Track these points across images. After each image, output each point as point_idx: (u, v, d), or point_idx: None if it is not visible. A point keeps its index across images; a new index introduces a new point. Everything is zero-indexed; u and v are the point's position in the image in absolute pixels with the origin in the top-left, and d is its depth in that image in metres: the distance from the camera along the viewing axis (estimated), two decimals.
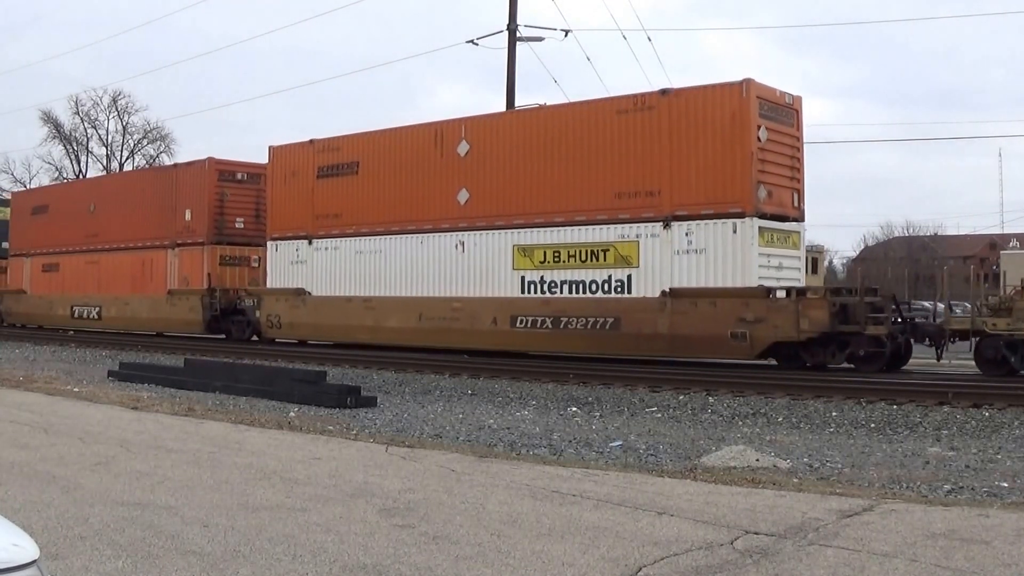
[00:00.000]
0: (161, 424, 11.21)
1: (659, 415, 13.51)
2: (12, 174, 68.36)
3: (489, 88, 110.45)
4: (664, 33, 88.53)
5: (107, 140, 67.22)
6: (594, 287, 18.73)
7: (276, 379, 15.25)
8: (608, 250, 18.61)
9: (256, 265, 27.54)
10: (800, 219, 18.57)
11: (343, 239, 23.22)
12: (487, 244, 20.42)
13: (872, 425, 12.28)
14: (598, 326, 18.40)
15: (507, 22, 28.50)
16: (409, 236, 21.82)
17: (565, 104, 20.26)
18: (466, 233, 20.74)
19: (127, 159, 66.86)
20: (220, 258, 27.43)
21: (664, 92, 18.11)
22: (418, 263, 21.61)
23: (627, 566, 5.30)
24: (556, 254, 19.38)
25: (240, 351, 23.86)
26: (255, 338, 26.21)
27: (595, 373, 17.85)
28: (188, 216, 27.79)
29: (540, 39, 28.78)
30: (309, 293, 23.85)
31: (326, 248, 23.61)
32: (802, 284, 18.11)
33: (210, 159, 27.76)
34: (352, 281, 22.94)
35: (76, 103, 66.08)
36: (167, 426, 11.04)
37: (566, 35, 29.50)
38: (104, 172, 62.59)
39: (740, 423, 12.65)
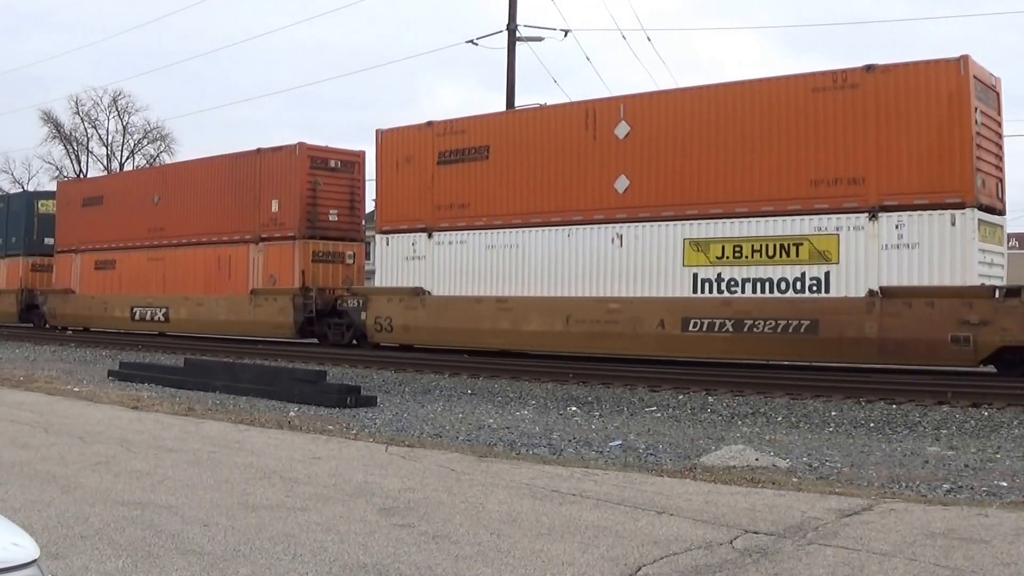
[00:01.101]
0: (161, 424, 11.22)
1: (659, 415, 13.52)
2: (12, 174, 68.53)
3: (489, 88, 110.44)
4: (664, 33, 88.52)
5: (107, 140, 67.25)
6: (783, 286, 16.60)
7: (276, 379, 15.26)
8: (801, 244, 16.49)
9: (351, 262, 25.31)
10: (1003, 212, 16.81)
11: (471, 232, 20.58)
12: (651, 237, 18.03)
13: (871, 424, 12.30)
14: (790, 329, 16.29)
15: (507, 22, 28.53)
16: (553, 229, 19.32)
17: (749, 80, 17.60)
18: (625, 225, 18.33)
19: (127, 159, 66.99)
20: (313, 254, 24.55)
21: (869, 68, 16.07)
22: (565, 259, 19.09)
23: (627, 565, 5.31)
24: (737, 249, 17.09)
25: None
26: (354, 342, 23.54)
27: (595, 373, 17.84)
28: (275, 207, 24.92)
29: (540, 39, 28.84)
30: (428, 293, 21.17)
31: (449, 242, 20.94)
32: (1005, 283, 16.18)
33: (301, 144, 24.92)
34: (482, 279, 20.35)
35: (76, 103, 66.11)
36: (167, 426, 11.05)
37: (566, 35, 29.59)
38: (105, 172, 62.69)
39: (739, 423, 12.66)
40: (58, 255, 32.89)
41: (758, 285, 16.88)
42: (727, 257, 17.20)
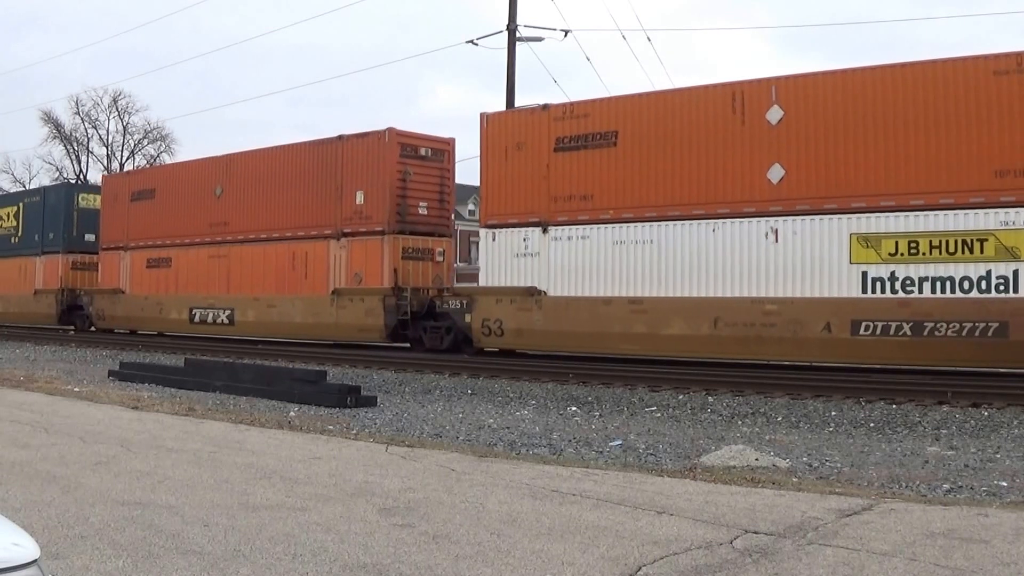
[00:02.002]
0: (161, 424, 11.23)
1: (659, 414, 13.52)
2: (12, 174, 68.56)
3: (489, 88, 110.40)
4: (663, 33, 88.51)
5: (107, 140, 67.36)
6: (967, 285, 15.35)
7: (276, 379, 15.26)
8: (986, 240, 15.22)
9: (441, 260, 23.29)
10: None
11: (595, 226, 18.65)
12: (812, 232, 16.48)
13: (871, 424, 12.30)
14: (976, 332, 15.00)
15: (507, 22, 28.53)
16: (695, 223, 17.52)
17: (921, 62, 16.16)
18: (781, 219, 16.68)
19: (127, 159, 67.03)
20: (403, 250, 22.41)
21: None
22: (710, 255, 17.33)
23: (627, 565, 5.31)
24: (913, 245, 15.69)
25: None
26: (455, 347, 21.42)
27: (595, 373, 17.84)
28: (360, 199, 22.70)
29: (540, 39, 28.83)
30: (544, 293, 19.19)
31: (569, 237, 19.00)
32: None
33: (390, 130, 22.73)
34: (610, 278, 18.41)
35: (76, 103, 66.28)
36: (167, 426, 11.05)
37: (566, 35, 29.58)
38: (105, 172, 62.71)
39: (740, 422, 12.66)
40: (104, 253, 30.55)
41: (938, 284, 15.52)
42: (901, 254, 15.80)
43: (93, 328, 31.00)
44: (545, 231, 19.42)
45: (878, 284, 15.94)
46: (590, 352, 19.07)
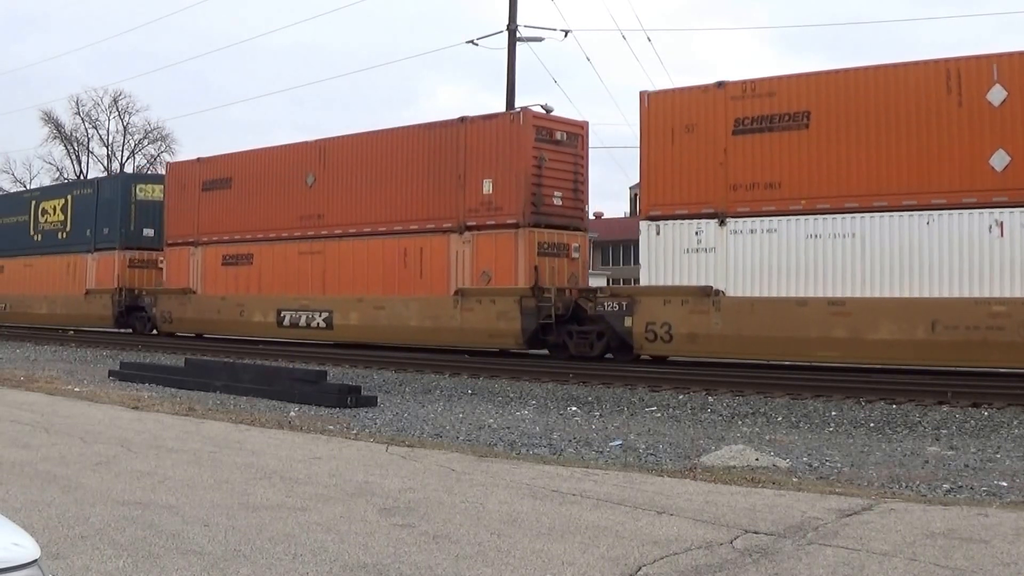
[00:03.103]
0: (162, 424, 11.23)
1: (659, 414, 13.53)
2: (13, 174, 68.58)
3: (489, 88, 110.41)
4: (663, 33, 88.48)
5: (108, 140, 67.44)
6: None
7: (276, 379, 15.27)
8: None
9: (576, 256, 20.91)
10: None
11: (783, 218, 16.66)
12: None
13: (871, 424, 12.30)
14: None
15: (507, 22, 28.56)
16: (905, 215, 15.72)
17: None
18: (1007, 210, 14.97)
19: (128, 159, 67.08)
20: (539, 246, 19.99)
21: None
22: (924, 251, 15.56)
23: (627, 565, 5.32)
24: None
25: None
26: (608, 355, 19.26)
27: (595, 373, 17.84)
28: (488, 188, 20.25)
29: (540, 39, 28.88)
30: (722, 292, 17.14)
31: (752, 230, 16.97)
32: None
33: (525, 111, 20.56)
34: (803, 276, 16.44)
35: (77, 103, 66.35)
36: (168, 426, 11.06)
37: (566, 35, 29.66)
38: (105, 173, 62.73)
39: (740, 422, 12.67)
40: (170, 249, 27.84)
41: None
42: None
43: (155, 332, 28.68)
44: (722, 223, 17.29)
45: None
46: (778, 359, 17.15)
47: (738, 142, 17.14)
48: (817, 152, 16.45)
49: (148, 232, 29.71)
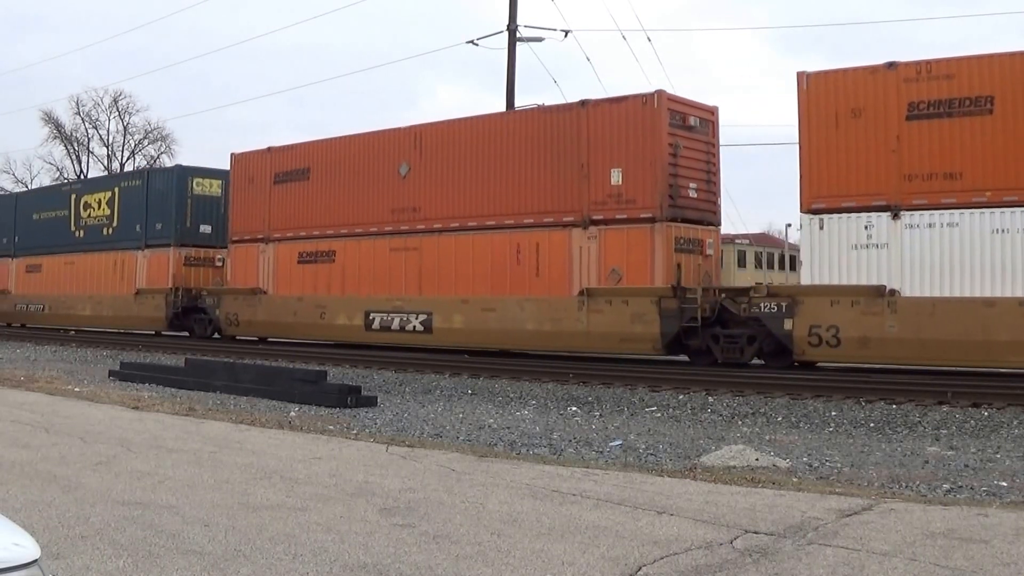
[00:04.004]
0: (162, 424, 11.23)
1: (659, 415, 13.53)
2: (13, 174, 68.58)
3: (489, 88, 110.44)
4: (663, 33, 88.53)
5: (108, 140, 67.40)
6: None
7: (277, 379, 15.27)
8: None
9: (711, 252, 19.27)
10: None
11: (965, 211, 15.34)
12: None
13: (871, 424, 12.30)
14: None
15: (507, 22, 28.56)
16: None
17: None
18: None
19: (128, 159, 67.08)
20: (676, 241, 18.27)
21: None
22: None
23: (627, 565, 5.32)
24: None
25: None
26: (757, 359, 17.44)
27: (595, 373, 17.84)
28: (617, 178, 18.44)
29: (540, 39, 28.87)
30: (897, 292, 15.68)
31: (930, 224, 15.57)
32: None
33: (660, 92, 18.36)
34: (990, 274, 15.12)
35: (77, 103, 66.24)
36: (168, 426, 11.06)
37: (566, 35, 29.60)
38: (105, 173, 62.78)
39: (740, 423, 12.67)
40: (236, 246, 25.90)
41: None
42: None
43: (217, 335, 26.75)
44: (896, 217, 15.89)
45: None
46: (963, 365, 15.62)
47: (913, 128, 15.77)
48: (1003, 140, 15.16)
49: (205, 228, 28.04)
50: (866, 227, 16.16)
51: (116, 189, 30.63)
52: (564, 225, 19.22)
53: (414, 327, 21.27)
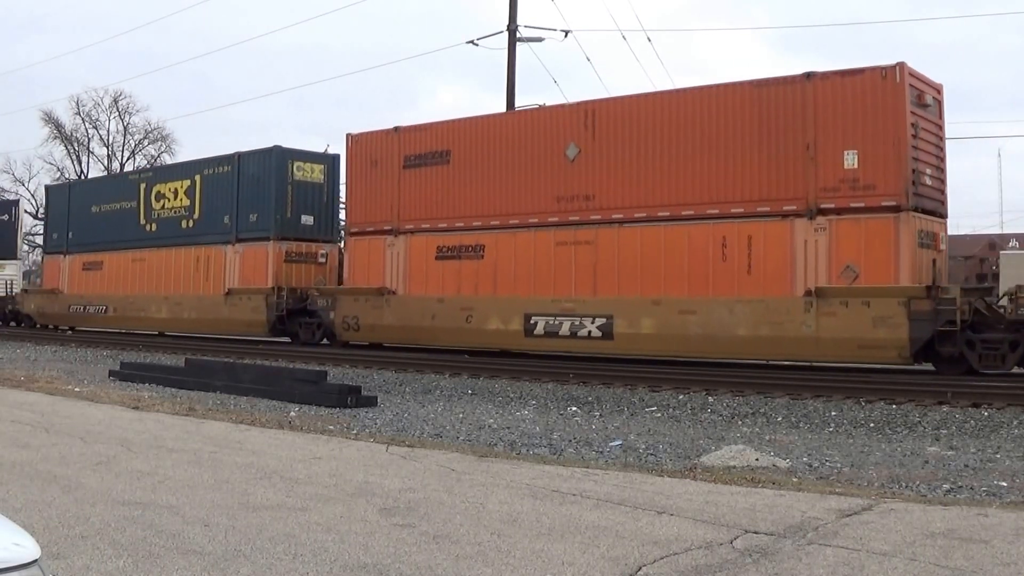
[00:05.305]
0: (162, 424, 11.23)
1: (659, 415, 13.53)
2: (13, 174, 68.56)
3: (489, 88, 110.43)
4: (663, 33, 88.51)
5: (108, 140, 67.42)
6: None
7: (277, 379, 15.27)
8: None
9: (944, 247, 17.33)
10: None
11: None
12: None
13: (871, 424, 12.30)
14: None
15: (507, 22, 28.54)
16: None
17: None
18: None
19: (128, 159, 67.07)
20: (919, 235, 16.13)
21: None
22: None
23: (627, 565, 5.32)
24: None
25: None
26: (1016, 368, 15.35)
27: (595, 373, 17.83)
28: (851, 161, 16.06)
29: (540, 39, 28.85)
30: None
31: None
32: None
33: (901, 64, 15.95)
34: None
35: (77, 103, 66.27)
36: (168, 426, 11.06)
37: (566, 35, 29.58)
38: (105, 173, 62.71)
39: (740, 423, 12.67)
40: (354, 239, 23.13)
41: None
42: None
43: (325, 341, 24.09)
44: None
45: None
46: None
47: None
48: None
49: (307, 220, 25.01)
50: None
51: (197, 177, 27.24)
52: (783, 215, 16.72)
53: (589, 333, 18.64)
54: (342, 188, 25.71)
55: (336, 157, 25.80)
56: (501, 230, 20.17)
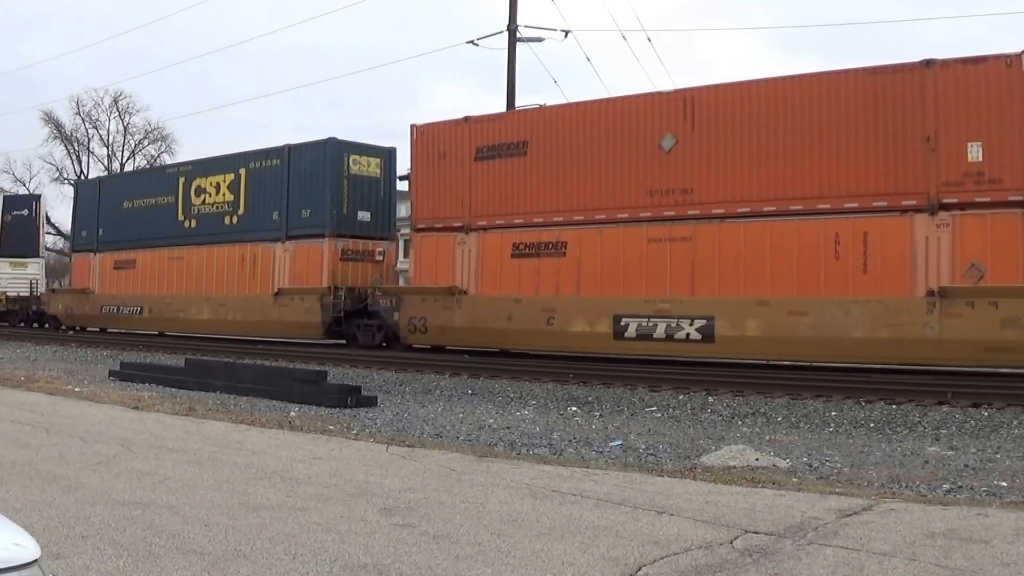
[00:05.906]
0: (162, 424, 11.23)
1: (659, 415, 13.53)
2: (13, 174, 68.58)
3: (489, 88, 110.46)
4: (663, 33, 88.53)
5: (108, 140, 67.43)
6: None
7: (277, 379, 15.27)
8: None
9: None
10: None
11: None
12: None
13: (871, 424, 12.31)
14: None
15: (507, 22, 28.55)
16: None
17: None
18: None
19: (128, 159, 67.07)
20: None
21: None
22: None
23: (627, 565, 5.32)
24: None
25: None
26: None
27: (595, 373, 17.83)
28: (975, 154, 15.21)
29: (540, 39, 28.85)
30: None
31: None
32: None
33: None
34: None
35: (77, 103, 66.28)
36: (168, 426, 11.06)
37: (566, 35, 29.58)
38: (106, 172, 62.71)
39: (740, 423, 12.67)
40: (420, 235, 21.65)
41: None
42: None
43: (384, 344, 22.68)
44: None
45: None
46: None
47: None
48: None
49: (364, 216, 23.88)
50: None
51: (242, 171, 25.84)
52: (903, 210, 15.72)
53: (687, 335, 17.48)
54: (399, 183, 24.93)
55: (393, 150, 25.17)
56: (585, 226, 18.95)
